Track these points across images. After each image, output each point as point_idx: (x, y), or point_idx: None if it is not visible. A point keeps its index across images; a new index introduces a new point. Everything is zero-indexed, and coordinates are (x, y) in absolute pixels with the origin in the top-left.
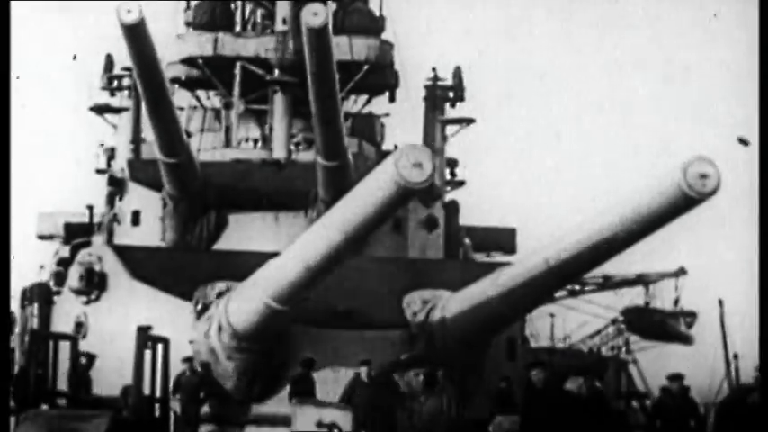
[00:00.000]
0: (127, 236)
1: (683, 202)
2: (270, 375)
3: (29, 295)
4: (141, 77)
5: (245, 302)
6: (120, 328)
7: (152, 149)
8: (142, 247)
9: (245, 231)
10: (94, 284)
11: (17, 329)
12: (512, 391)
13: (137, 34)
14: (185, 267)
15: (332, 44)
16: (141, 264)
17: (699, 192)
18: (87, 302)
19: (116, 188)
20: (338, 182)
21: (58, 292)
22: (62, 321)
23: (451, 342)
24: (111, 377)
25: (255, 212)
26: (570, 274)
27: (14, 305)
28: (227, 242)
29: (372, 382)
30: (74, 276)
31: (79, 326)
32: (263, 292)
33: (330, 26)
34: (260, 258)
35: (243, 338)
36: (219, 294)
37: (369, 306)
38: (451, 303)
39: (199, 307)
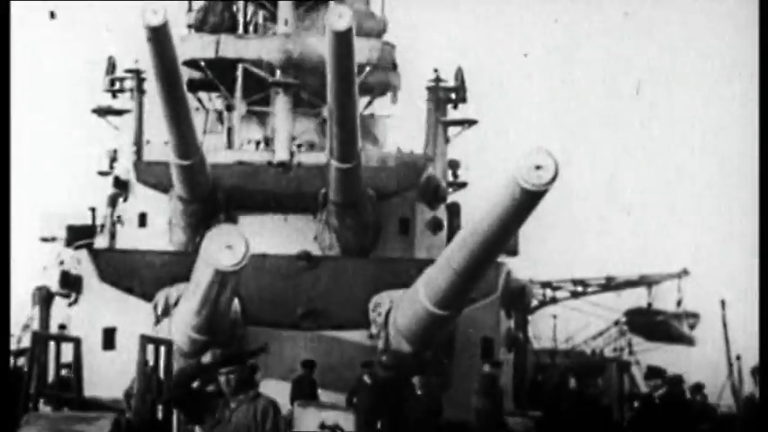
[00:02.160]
0: (133, 238)
1: (524, 196)
2: None
3: (32, 298)
4: (161, 79)
5: (175, 326)
6: (90, 331)
7: (156, 151)
8: (116, 249)
9: (254, 233)
10: (71, 287)
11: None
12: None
13: (161, 36)
14: (153, 269)
15: (354, 47)
16: (110, 266)
17: (534, 184)
18: (70, 305)
19: (121, 190)
20: (350, 184)
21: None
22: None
23: (404, 341)
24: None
25: (265, 214)
26: (469, 273)
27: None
28: None
29: (375, 384)
30: (54, 279)
31: (62, 328)
32: (183, 324)
33: (354, 29)
34: None
35: (186, 355)
36: (179, 299)
37: (335, 307)
38: (401, 302)
39: (159, 310)
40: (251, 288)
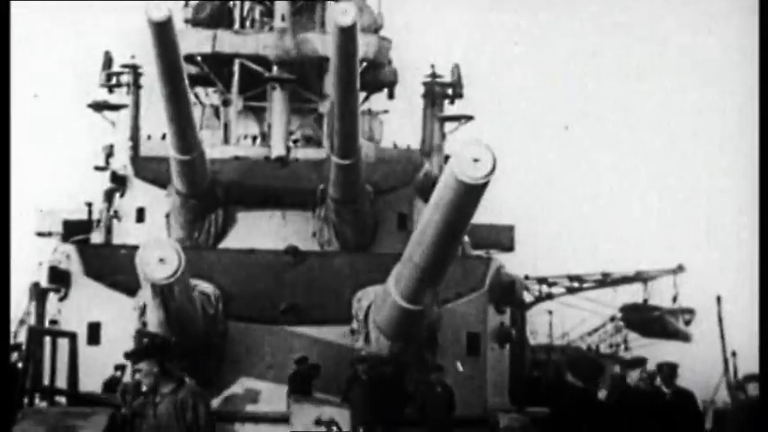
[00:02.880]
0: (131, 233)
1: (463, 189)
2: (206, 376)
3: (29, 293)
4: (164, 75)
5: (151, 325)
6: (78, 326)
7: (154, 146)
8: (102, 244)
9: (252, 229)
10: (60, 282)
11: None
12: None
13: (164, 31)
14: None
15: (358, 43)
16: (95, 261)
17: (471, 176)
18: (60, 300)
19: (118, 185)
20: (350, 180)
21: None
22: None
23: (383, 337)
24: (63, 375)
25: (263, 210)
26: (431, 267)
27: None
28: (234, 240)
29: (370, 379)
30: (43, 274)
31: (54, 323)
32: (154, 325)
33: (358, 25)
34: (217, 256)
35: None
36: None
37: (319, 302)
38: (377, 297)
39: (141, 305)
40: (236, 283)
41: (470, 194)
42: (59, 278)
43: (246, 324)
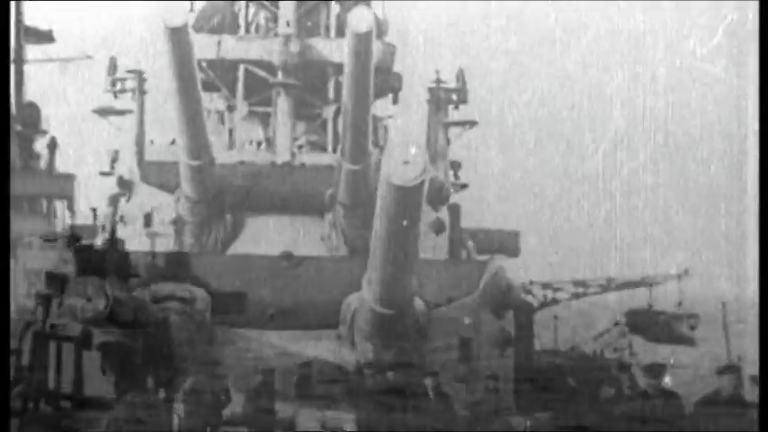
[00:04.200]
0: (136, 238)
1: (396, 193)
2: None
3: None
4: (179, 80)
5: None
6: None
7: (158, 151)
8: (97, 248)
9: (261, 234)
10: (56, 287)
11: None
12: None
13: (181, 37)
14: (131, 269)
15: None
16: (87, 266)
17: (402, 179)
18: (59, 305)
19: (124, 190)
20: (360, 185)
21: None
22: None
23: (365, 341)
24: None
25: (271, 215)
26: (391, 270)
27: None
28: (243, 245)
29: (376, 383)
30: (41, 279)
31: (53, 327)
32: None
33: (374, 31)
34: (211, 261)
35: None
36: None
37: (309, 307)
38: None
39: None
40: (228, 288)
41: (405, 197)
42: (56, 283)
43: (235, 329)
